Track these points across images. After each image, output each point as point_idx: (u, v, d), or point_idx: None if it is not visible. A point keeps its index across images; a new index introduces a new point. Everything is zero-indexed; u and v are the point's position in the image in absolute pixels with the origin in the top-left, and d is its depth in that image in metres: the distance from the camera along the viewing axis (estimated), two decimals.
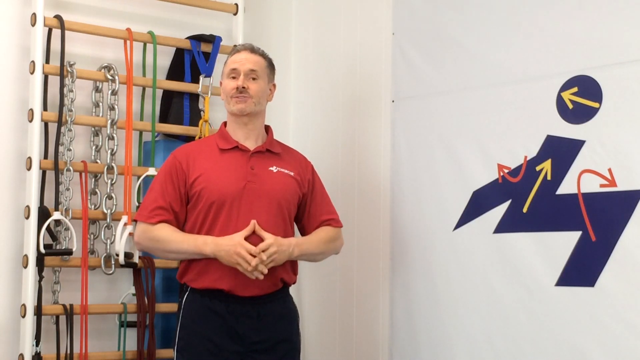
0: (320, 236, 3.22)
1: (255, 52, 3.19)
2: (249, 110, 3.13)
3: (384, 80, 3.69)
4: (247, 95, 3.12)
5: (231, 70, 3.15)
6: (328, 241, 3.24)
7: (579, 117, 2.97)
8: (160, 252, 3.14)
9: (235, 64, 3.15)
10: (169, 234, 3.07)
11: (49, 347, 3.41)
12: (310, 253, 3.19)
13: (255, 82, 3.14)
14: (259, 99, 3.15)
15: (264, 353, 3.07)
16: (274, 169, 3.17)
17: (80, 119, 3.52)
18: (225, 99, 3.18)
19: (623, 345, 2.81)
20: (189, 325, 3.07)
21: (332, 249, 3.29)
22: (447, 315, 3.34)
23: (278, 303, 3.12)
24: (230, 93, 3.14)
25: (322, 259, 3.29)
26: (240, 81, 3.12)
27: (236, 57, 3.17)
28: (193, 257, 3.06)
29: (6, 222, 3.44)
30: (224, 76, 3.20)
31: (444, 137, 3.40)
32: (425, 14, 3.53)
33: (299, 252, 3.12)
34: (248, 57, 3.16)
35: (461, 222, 3.31)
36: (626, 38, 2.87)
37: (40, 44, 3.41)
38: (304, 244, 3.16)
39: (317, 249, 3.20)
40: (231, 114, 3.17)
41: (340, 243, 3.32)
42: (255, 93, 3.13)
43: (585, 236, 2.92)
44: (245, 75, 3.13)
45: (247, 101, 3.12)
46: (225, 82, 3.18)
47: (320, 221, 3.24)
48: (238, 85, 3.11)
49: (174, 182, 3.11)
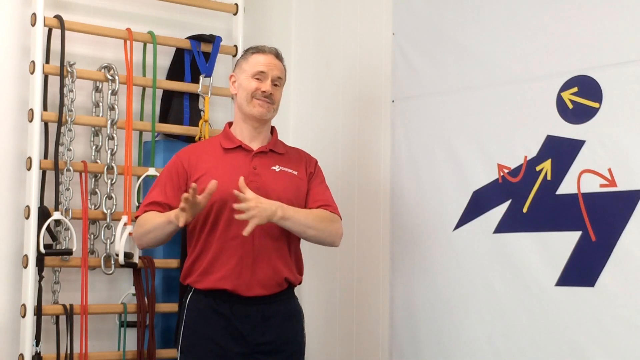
0: (313, 212, 3.11)
1: (280, 58, 3.18)
2: (269, 116, 3.13)
3: (384, 80, 3.69)
4: (270, 102, 3.12)
5: (258, 72, 3.11)
6: (321, 218, 3.10)
7: (579, 117, 2.97)
8: (144, 235, 3.06)
9: (263, 67, 3.11)
10: (150, 216, 3.05)
11: (49, 347, 3.41)
12: (297, 221, 3.02)
13: (277, 90, 3.15)
14: (277, 107, 3.16)
15: (268, 354, 3.05)
16: (277, 169, 3.16)
17: (80, 119, 3.52)
18: (244, 97, 3.11)
19: (623, 345, 2.81)
20: (193, 326, 3.06)
21: (325, 230, 3.10)
22: (447, 315, 3.35)
23: (283, 304, 3.11)
24: (254, 94, 3.10)
25: (313, 235, 3.08)
26: (269, 86, 3.10)
27: (263, 60, 3.13)
28: (166, 228, 2.99)
29: (6, 222, 3.44)
30: (243, 73, 3.13)
31: (444, 137, 3.40)
32: (425, 14, 3.53)
33: (283, 213, 2.97)
34: (276, 64, 3.15)
35: (461, 222, 3.31)
36: (626, 38, 2.87)
37: (40, 44, 3.41)
38: (290, 208, 3.02)
39: (305, 220, 3.04)
40: (249, 115, 3.13)
41: (337, 228, 3.14)
42: (277, 100, 3.15)
43: (585, 236, 2.92)
44: (272, 81, 3.12)
45: (269, 107, 3.12)
46: (247, 81, 3.12)
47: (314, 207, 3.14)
48: (267, 90, 3.09)
49: (173, 181, 3.11)
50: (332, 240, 3.15)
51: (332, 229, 3.12)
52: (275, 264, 3.06)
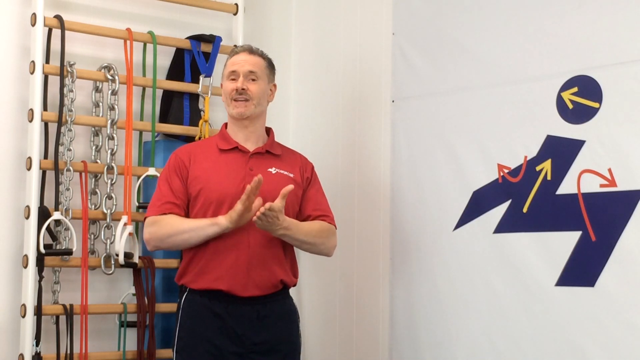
0: (313, 226, 3.14)
1: (254, 52, 3.18)
2: (248, 113, 3.13)
3: (384, 80, 3.69)
4: (247, 97, 3.11)
5: (230, 72, 3.14)
6: (319, 232, 3.14)
7: (579, 117, 2.97)
8: (173, 235, 3.05)
9: (234, 65, 3.14)
10: (181, 218, 3.06)
11: (49, 347, 3.41)
12: (296, 236, 3.06)
13: (255, 83, 3.13)
14: (259, 100, 3.14)
15: (264, 354, 3.06)
16: (273, 170, 3.16)
17: (80, 119, 3.52)
18: (225, 101, 3.17)
19: (623, 345, 2.81)
20: (189, 326, 3.06)
21: (322, 244, 3.16)
22: (447, 315, 3.34)
23: (278, 304, 3.11)
24: (230, 95, 3.13)
25: (308, 248, 3.16)
26: (240, 83, 3.11)
27: (235, 59, 3.16)
28: (208, 231, 3.00)
29: (6, 222, 3.44)
30: (223, 78, 3.19)
31: (444, 137, 3.40)
32: (425, 14, 3.53)
33: (284, 231, 3.02)
34: (247, 59, 3.15)
35: (461, 222, 3.31)
36: (626, 38, 2.87)
37: (40, 44, 3.41)
38: (292, 223, 3.06)
39: (305, 236, 3.08)
40: (231, 117, 3.17)
41: (333, 242, 3.20)
42: (255, 94, 3.13)
43: (585, 236, 2.92)
44: (245, 77, 3.12)
45: (247, 104, 3.11)
46: (225, 84, 3.17)
47: (313, 215, 3.18)
48: (237, 87, 3.10)
49: (180, 177, 3.11)
50: (327, 252, 3.23)
51: (328, 243, 3.19)
52: (270, 266, 3.07)
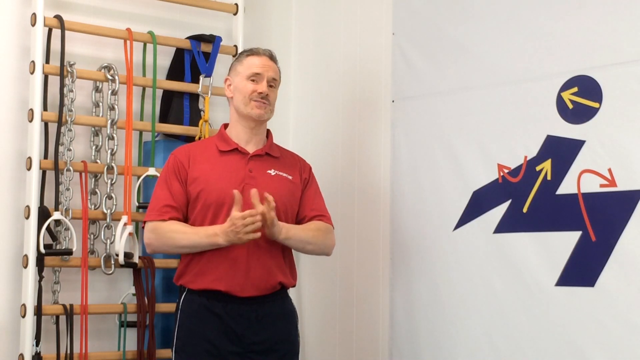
0: (311, 227, 3.17)
1: (275, 60, 3.20)
2: (266, 117, 3.15)
3: (384, 80, 3.69)
4: (266, 103, 3.13)
5: (254, 74, 3.13)
6: (318, 232, 3.16)
7: (579, 117, 2.97)
8: (173, 248, 3.09)
9: (260, 68, 3.14)
10: (181, 228, 3.06)
11: (49, 347, 3.41)
12: (298, 239, 3.10)
13: (273, 91, 3.16)
14: (273, 108, 3.18)
15: (262, 354, 3.06)
16: (272, 172, 3.16)
17: (80, 119, 3.52)
18: (241, 100, 3.14)
19: (623, 345, 2.81)
20: (187, 325, 3.06)
21: (323, 244, 3.19)
22: (447, 315, 3.34)
23: (276, 303, 3.11)
24: (250, 96, 3.12)
25: (311, 250, 3.19)
26: (265, 87, 3.12)
27: (258, 62, 3.15)
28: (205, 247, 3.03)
29: (6, 222, 3.44)
30: (238, 76, 3.16)
31: (444, 137, 3.40)
32: (425, 14, 3.53)
33: (286, 235, 3.05)
34: (271, 65, 3.17)
35: (461, 222, 3.31)
36: (626, 38, 2.87)
37: (40, 44, 3.41)
38: (292, 227, 3.10)
39: (306, 237, 3.12)
40: (246, 116, 3.14)
41: (331, 241, 3.23)
42: (272, 101, 3.16)
43: (585, 236, 2.92)
44: (267, 82, 3.14)
45: (266, 108, 3.14)
46: (244, 83, 3.14)
47: (310, 216, 3.20)
48: (263, 91, 3.11)
49: (179, 179, 3.11)
50: (327, 252, 3.26)
51: (327, 242, 3.22)
52: (269, 268, 3.08)
